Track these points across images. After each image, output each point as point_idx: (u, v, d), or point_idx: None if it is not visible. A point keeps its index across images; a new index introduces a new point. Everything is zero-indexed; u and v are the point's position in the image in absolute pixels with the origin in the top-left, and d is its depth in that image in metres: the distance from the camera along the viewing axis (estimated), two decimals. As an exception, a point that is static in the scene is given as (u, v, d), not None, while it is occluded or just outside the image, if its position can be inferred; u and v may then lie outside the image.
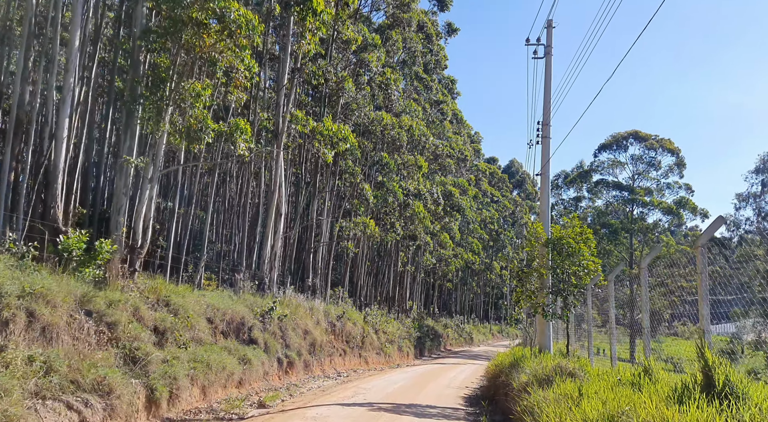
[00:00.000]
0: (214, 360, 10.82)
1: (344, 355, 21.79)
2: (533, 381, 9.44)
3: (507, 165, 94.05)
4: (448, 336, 45.10)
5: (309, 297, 22.19)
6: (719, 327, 11.70)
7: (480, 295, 76.30)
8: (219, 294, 15.21)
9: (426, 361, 30.74)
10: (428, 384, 16.82)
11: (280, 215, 19.68)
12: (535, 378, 9.50)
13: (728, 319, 10.55)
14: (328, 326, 20.75)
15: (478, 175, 63.41)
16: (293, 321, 17.57)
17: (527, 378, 9.97)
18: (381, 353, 26.74)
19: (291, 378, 15.76)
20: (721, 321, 10.19)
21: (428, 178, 41.27)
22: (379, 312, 29.17)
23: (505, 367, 13.17)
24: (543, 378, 9.27)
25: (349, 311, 24.81)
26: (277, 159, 17.49)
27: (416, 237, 34.78)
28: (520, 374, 10.92)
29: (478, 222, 60.10)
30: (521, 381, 10.11)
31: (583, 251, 12.92)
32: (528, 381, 9.69)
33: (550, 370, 9.40)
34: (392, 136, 27.89)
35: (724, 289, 7.58)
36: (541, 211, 14.45)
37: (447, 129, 38.93)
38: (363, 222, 23.20)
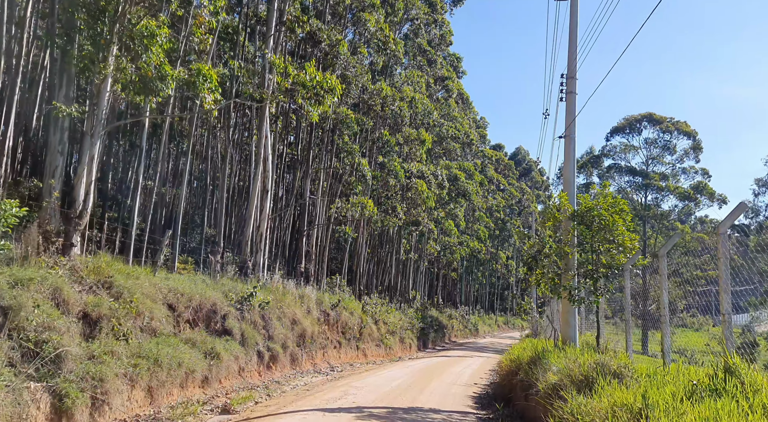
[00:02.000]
0: (168, 355, 8.76)
1: (339, 348, 19.76)
2: (567, 382, 7.34)
3: (513, 152, 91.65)
4: (453, 328, 43.09)
5: (301, 284, 20.14)
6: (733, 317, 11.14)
7: (485, 286, 74.29)
8: (190, 278, 13.15)
9: (430, 354, 28.71)
10: (432, 381, 14.76)
11: (267, 192, 17.57)
12: (569, 378, 7.40)
13: (739, 310, 10.01)
14: (321, 315, 18.70)
15: (484, 160, 61.11)
16: (279, 309, 15.52)
17: (557, 378, 7.88)
18: (381, 345, 24.72)
19: (274, 374, 13.72)
20: (737, 312, 10.14)
21: (432, 161, 39.08)
22: (380, 302, 27.11)
23: (523, 363, 11.08)
24: (580, 380, 7.17)
25: (345, 300, 22.75)
26: (262, 122, 15.35)
27: (419, 223, 32.64)
28: (545, 372, 8.82)
29: (484, 209, 57.88)
30: (549, 381, 8.02)
31: (618, 225, 10.77)
32: (559, 383, 7.59)
33: (588, 369, 7.29)
34: (393, 112, 25.67)
35: (736, 279, 7.06)
36: (566, 180, 12.30)
37: (452, 108, 36.64)
38: (360, 203, 21.06)
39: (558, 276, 11.62)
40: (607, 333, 16.60)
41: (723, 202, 47.68)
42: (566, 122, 12.37)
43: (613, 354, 9.64)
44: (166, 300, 10.66)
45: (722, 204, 48.32)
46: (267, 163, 17.49)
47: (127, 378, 7.57)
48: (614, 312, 17.42)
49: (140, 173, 13.05)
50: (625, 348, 9.92)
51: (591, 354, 9.85)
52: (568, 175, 12.33)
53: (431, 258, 48.08)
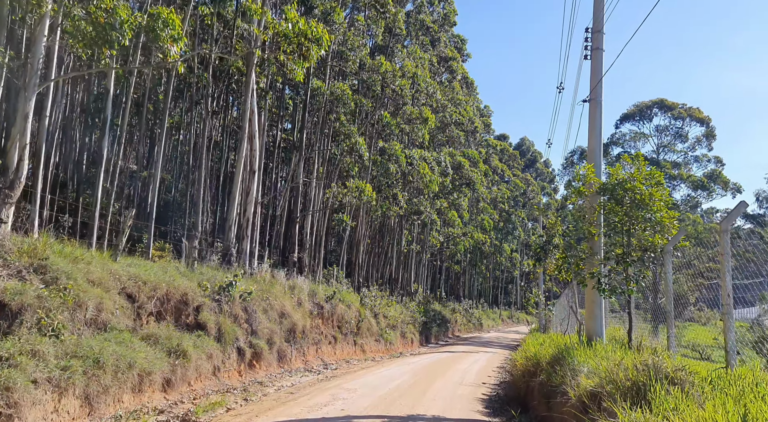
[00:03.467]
0: (114, 355, 7.18)
1: (334, 343, 18.21)
2: (610, 389, 5.74)
3: (518, 143, 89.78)
4: (457, 322, 41.52)
5: (294, 275, 18.58)
6: (738, 312, 10.43)
7: (489, 279, 72.66)
8: (161, 266, 11.57)
9: (433, 349, 27.15)
10: (435, 381, 13.19)
11: (254, 173, 15.97)
12: (612, 385, 5.79)
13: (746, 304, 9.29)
14: (314, 308, 17.13)
15: (488, 150, 59.33)
16: (266, 301, 13.94)
17: (593, 383, 6.28)
18: (381, 340, 23.17)
19: (257, 373, 12.16)
20: (744, 305, 9.32)
21: (435, 149, 37.38)
22: (379, 294, 25.53)
23: (542, 362, 9.49)
24: (627, 387, 5.57)
25: (342, 292, 21.18)
26: (246, 93, 13.73)
27: (421, 212, 31.02)
28: (575, 375, 7.22)
29: (488, 200, 56.17)
30: (583, 387, 6.42)
31: (655, 200, 9.15)
32: (598, 389, 5.99)
33: (637, 373, 5.68)
34: (394, 92, 23.99)
35: (745, 272, 6.77)
36: (590, 150, 10.66)
37: (457, 90, 34.88)
38: (358, 187, 19.42)
39: (582, 261, 9.99)
40: (614, 327, 15.02)
41: (737, 190, 45.94)
42: (591, 83, 10.71)
43: (653, 352, 8.04)
44: (124, 290, 9.08)
45: (736, 193, 46.58)
46: (254, 140, 15.87)
47: (52, 384, 5.99)
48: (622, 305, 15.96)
49: (104, 146, 11.46)
50: (666, 346, 8.31)
51: (628, 353, 8.25)
52: (594, 145, 10.68)
53: (434, 251, 46.49)
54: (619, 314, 17.43)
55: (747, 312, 14.25)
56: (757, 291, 9.86)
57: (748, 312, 14.58)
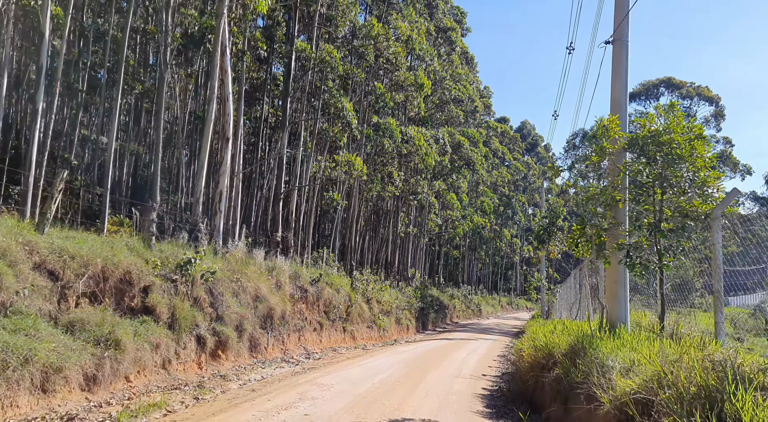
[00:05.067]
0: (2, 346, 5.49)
1: (320, 330, 16.58)
2: (665, 396, 4.06)
3: (518, 127, 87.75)
4: (455, 308, 39.99)
5: (276, 256, 16.91)
6: (739, 299, 10.42)
7: (489, 265, 71.26)
8: (106, 240, 9.85)
9: (429, 336, 25.59)
10: (428, 373, 11.56)
11: (227, 140, 14.20)
12: (672, 390, 4.11)
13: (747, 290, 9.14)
14: (296, 291, 15.46)
15: (488, 132, 57.35)
16: (237, 282, 12.26)
17: (637, 384, 4.61)
18: (373, 326, 21.58)
19: (222, 364, 10.51)
20: (745, 292, 9.32)
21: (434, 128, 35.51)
22: (372, 278, 23.87)
23: (556, 353, 7.82)
24: (694, 394, 3.89)
25: (330, 275, 19.52)
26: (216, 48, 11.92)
27: (418, 193, 29.29)
28: (605, 372, 5.54)
29: (488, 183, 54.41)
30: (622, 390, 4.73)
31: (697, 154, 7.43)
32: (648, 396, 4.31)
33: (705, 375, 3.99)
34: (387, 60, 22.12)
35: (746, 259, 6.38)
36: (614, 101, 8.89)
37: (456, 64, 32.94)
38: (348, 161, 17.65)
39: (605, 232, 8.26)
40: (634, 312, 13.32)
41: (748, 172, 44.19)
42: (615, 21, 8.91)
43: (700, 344, 6.37)
44: (42, 265, 7.38)
45: (746, 175, 44.84)
46: (227, 104, 14.08)
47: None
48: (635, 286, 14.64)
49: (39, 100, 9.68)
50: (714, 335, 6.61)
51: (666, 343, 6.58)
52: (619, 95, 8.89)
53: (432, 235, 44.86)
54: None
55: (749, 298, 13.00)
56: (758, 278, 9.31)
57: (751, 299, 13.29)
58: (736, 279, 7.48)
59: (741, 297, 12.44)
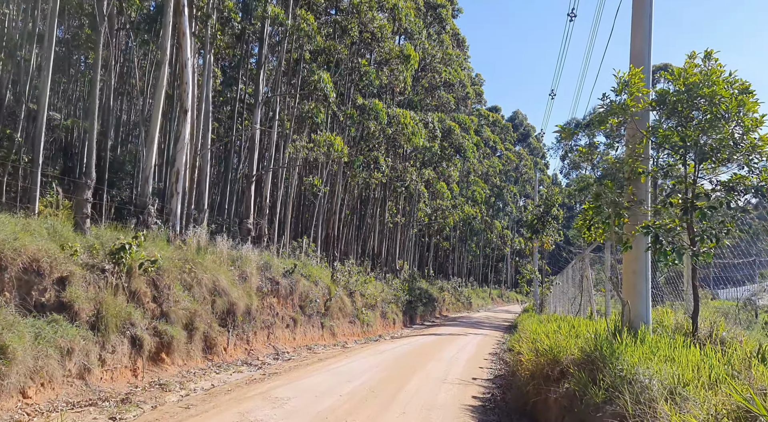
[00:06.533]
0: None
1: (294, 326, 14.98)
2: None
3: (510, 116, 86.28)
4: (444, 301, 38.55)
5: (245, 245, 15.27)
6: (728, 291, 10.08)
7: (479, 257, 69.89)
8: (20, 221, 8.15)
9: (417, 330, 24.11)
10: (412, 377, 10.01)
11: (186, 112, 12.49)
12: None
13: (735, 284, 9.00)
14: (265, 284, 13.83)
15: (480, 120, 55.75)
16: (189, 273, 10.60)
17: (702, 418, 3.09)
18: (356, 321, 20.02)
19: (165, 370, 8.88)
20: (734, 285, 9.07)
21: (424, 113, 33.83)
22: (356, 270, 22.29)
23: (564, 360, 6.28)
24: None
25: (309, 266, 17.91)
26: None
27: (405, 179, 27.68)
28: (641, 392, 4.01)
29: (480, 172, 52.91)
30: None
31: (745, 111, 5.90)
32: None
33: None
34: (372, 34, 20.41)
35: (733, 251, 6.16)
36: (635, 53, 7.30)
37: (447, 44, 31.25)
38: (327, 141, 15.99)
39: (627, 210, 6.70)
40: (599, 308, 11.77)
41: (746, 162, 42.89)
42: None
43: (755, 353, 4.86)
44: None
45: (744, 165, 43.51)
46: (185, 71, 12.35)
47: None
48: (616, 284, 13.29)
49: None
50: None
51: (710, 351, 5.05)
52: (641, 46, 7.32)
53: (422, 225, 43.33)
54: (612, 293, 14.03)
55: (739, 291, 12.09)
56: (747, 270, 9.29)
57: (740, 292, 12.39)
58: (726, 272, 7.36)
59: (729, 290, 11.67)
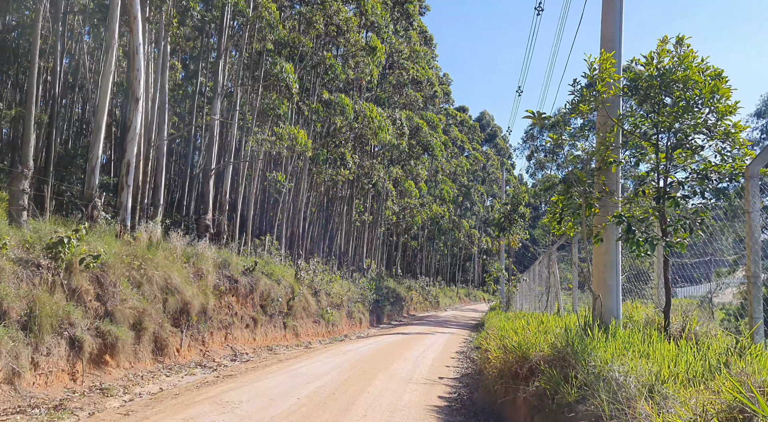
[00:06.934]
0: None
1: (254, 326, 14.37)
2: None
3: (478, 116, 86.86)
4: (412, 300, 38.31)
5: (202, 241, 14.57)
6: (686, 290, 10.40)
7: (447, 256, 70.09)
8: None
9: (383, 330, 23.72)
10: (375, 378, 9.59)
11: (137, 100, 11.76)
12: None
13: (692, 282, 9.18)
14: (222, 282, 13.20)
15: (448, 120, 55.82)
16: (139, 270, 9.93)
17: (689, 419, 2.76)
18: (321, 321, 19.48)
19: (109, 374, 8.22)
20: (691, 284, 9.25)
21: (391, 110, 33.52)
22: (321, 268, 21.75)
23: (533, 356, 5.95)
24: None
25: (271, 264, 17.32)
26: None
27: (372, 176, 27.27)
28: (618, 389, 3.68)
29: (447, 172, 52.93)
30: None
31: (720, 97, 5.68)
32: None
33: None
34: (338, 26, 19.91)
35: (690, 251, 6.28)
36: (606, 38, 7.04)
37: (414, 41, 30.99)
38: (290, 134, 15.42)
39: (597, 200, 6.43)
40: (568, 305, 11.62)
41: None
42: (608, -64, 7.09)
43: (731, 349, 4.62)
44: None
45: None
46: (137, 57, 11.62)
47: None
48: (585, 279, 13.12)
49: None
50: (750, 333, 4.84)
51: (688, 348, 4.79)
52: (612, 31, 7.06)
53: (390, 224, 43.02)
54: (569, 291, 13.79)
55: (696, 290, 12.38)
56: (703, 269, 9.44)
57: (696, 290, 12.69)
58: (682, 272, 7.50)
59: (687, 289, 11.84)
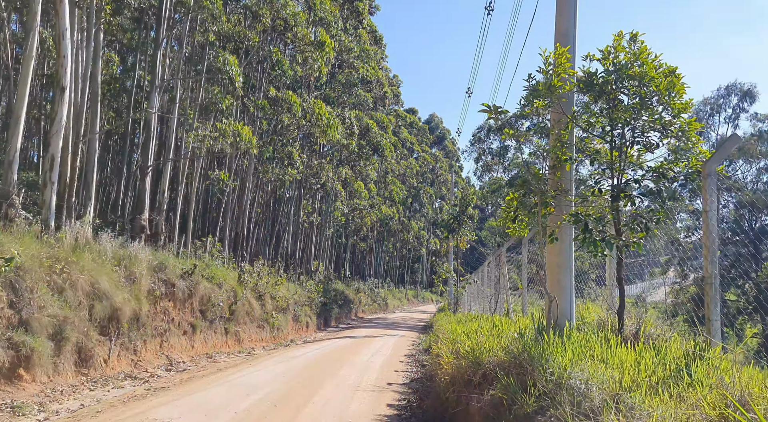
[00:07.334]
0: None
1: (193, 333, 13.56)
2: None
3: (427, 119, 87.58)
4: (361, 302, 37.89)
5: (137, 243, 13.62)
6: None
7: (396, 258, 70.12)
8: None
9: (331, 333, 23.20)
10: (322, 386, 9.10)
11: (63, 89, 10.79)
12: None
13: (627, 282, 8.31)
14: (158, 286, 12.34)
15: (398, 121, 55.79)
16: (61, 274, 9.04)
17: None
18: (265, 326, 18.75)
19: (24, 389, 7.36)
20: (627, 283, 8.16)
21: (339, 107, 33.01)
22: (266, 271, 20.98)
23: (487, 361, 5.65)
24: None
25: (212, 267, 16.47)
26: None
27: (320, 175, 26.68)
28: (582, 405, 3.40)
29: (397, 173, 52.86)
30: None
31: (675, 94, 5.58)
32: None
33: None
34: (285, 21, 19.28)
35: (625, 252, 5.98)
36: (560, 32, 6.87)
37: (364, 40, 30.64)
38: (234, 130, 14.68)
39: (552, 199, 6.21)
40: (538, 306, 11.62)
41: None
42: (562, -72, 6.93)
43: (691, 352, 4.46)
44: None
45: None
46: (62, 42, 10.67)
47: None
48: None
49: None
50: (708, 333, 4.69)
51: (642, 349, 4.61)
52: (567, 26, 6.89)
53: (339, 225, 42.45)
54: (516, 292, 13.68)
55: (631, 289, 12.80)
56: (637, 270, 9.74)
57: (629, 290, 13.26)
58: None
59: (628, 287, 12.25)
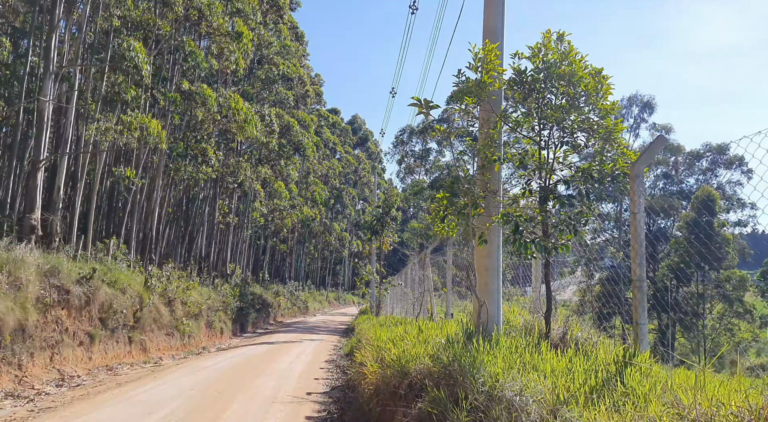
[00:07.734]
0: None
1: (90, 343, 12.27)
2: None
3: (350, 120, 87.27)
4: (280, 306, 36.83)
5: (27, 245, 12.13)
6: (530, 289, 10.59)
7: (317, 260, 69.19)
8: None
9: (248, 339, 22.20)
10: (234, 400, 8.41)
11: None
12: None
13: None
14: (49, 293, 11.02)
15: (320, 120, 55.01)
16: None
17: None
18: (174, 333, 17.52)
19: None
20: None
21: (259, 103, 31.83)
22: (177, 275, 19.66)
23: (414, 370, 5.32)
24: None
25: (115, 271, 15.08)
26: None
27: (238, 174, 25.52)
28: (519, 414, 3.12)
29: (320, 174, 52.10)
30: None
31: (602, 95, 5.52)
32: None
33: None
34: (199, 10, 18.16)
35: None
36: (489, 30, 6.65)
37: (284, 35, 29.74)
38: (140, 123, 13.49)
39: (482, 199, 5.99)
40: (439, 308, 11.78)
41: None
42: None
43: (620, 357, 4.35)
44: None
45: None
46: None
47: None
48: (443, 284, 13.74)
49: None
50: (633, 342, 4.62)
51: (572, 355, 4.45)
52: (495, 23, 6.71)
53: (257, 227, 41.04)
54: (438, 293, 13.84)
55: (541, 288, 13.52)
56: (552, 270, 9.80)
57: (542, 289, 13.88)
58: (529, 271, 7.83)
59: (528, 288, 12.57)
